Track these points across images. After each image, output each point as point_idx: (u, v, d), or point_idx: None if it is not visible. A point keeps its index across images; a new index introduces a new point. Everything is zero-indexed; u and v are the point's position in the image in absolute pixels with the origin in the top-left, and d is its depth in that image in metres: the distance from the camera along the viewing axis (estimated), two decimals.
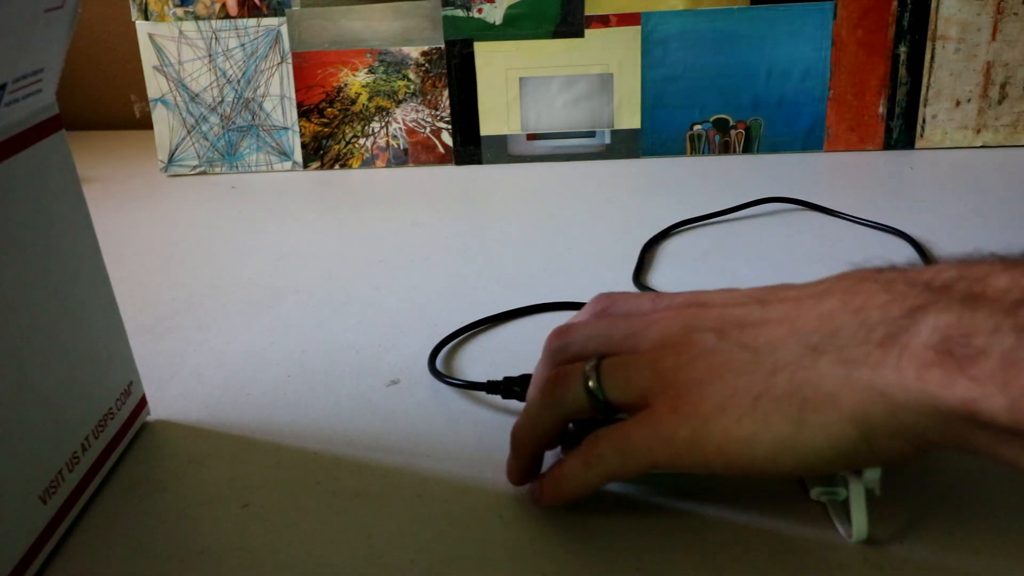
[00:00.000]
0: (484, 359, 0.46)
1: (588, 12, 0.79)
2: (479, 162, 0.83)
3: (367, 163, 0.84)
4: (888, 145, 0.80)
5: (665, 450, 0.28)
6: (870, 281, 0.27)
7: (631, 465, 0.30)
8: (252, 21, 0.81)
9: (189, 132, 0.84)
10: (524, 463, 0.34)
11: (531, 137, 0.82)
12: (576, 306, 0.51)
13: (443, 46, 0.81)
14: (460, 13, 0.80)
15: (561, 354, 0.34)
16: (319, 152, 0.84)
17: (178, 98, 0.83)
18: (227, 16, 0.81)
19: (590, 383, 0.31)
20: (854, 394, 0.25)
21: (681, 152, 0.82)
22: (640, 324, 0.32)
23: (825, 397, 0.26)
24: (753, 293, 0.31)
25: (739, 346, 0.28)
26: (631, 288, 0.53)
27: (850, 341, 0.26)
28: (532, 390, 0.35)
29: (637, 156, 0.82)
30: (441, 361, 0.46)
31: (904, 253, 0.57)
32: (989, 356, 0.23)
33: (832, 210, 0.64)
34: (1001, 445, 0.24)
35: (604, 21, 0.79)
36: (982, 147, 0.79)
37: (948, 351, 0.24)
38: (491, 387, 0.40)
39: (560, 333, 0.34)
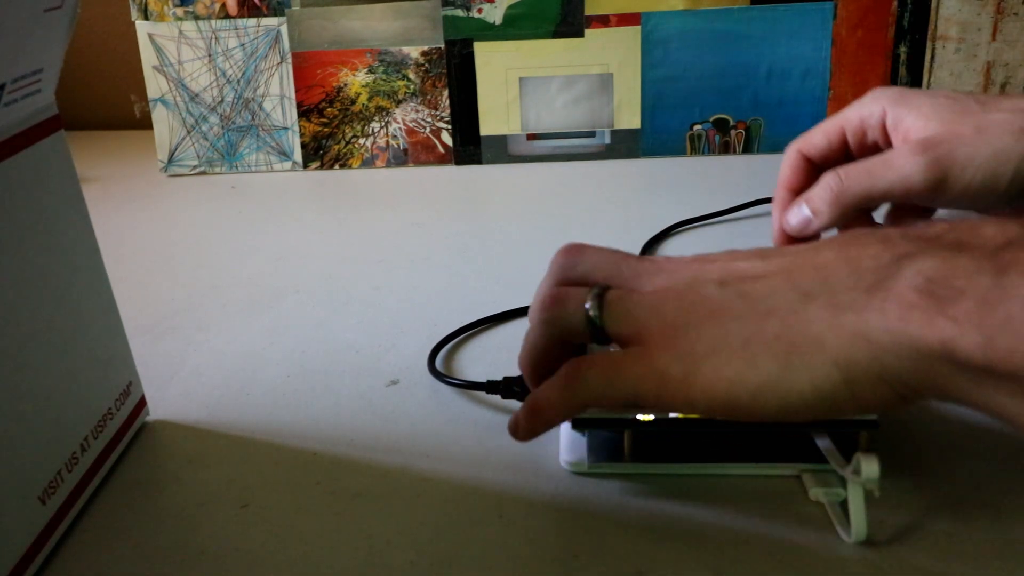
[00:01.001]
0: (484, 359, 0.46)
1: (588, 12, 0.79)
2: (479, 162, 0.83)
3: (367, 163, 0.84)
4: None
5: (654, 385, 0.29)
6: (867, 235, 0.28)
7: (614, 394, 0.30)
8: (252, 21, 0.81)
9: (189, 132, 0.84)
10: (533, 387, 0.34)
11: (531, 137, 0.82)
12: None
13: (443, 46, 0.81)
14: (460, 13, 0.80)
15: (567, 271, 0.34)
16: (319, 152, 0.84)
17: (178, 98, 0.83)
18: (227, 16, 0.81)
19: (590, 311, 0.31)
20: (839, 338, 0.26)
21: (681, 152, 0.82)
22: (650, 268, 0.33)
23: (812, 341, 0.26)
24: (757, 250, 0.32)
25: (737, 294, 0.29)
26: None
27: (840, 287, 0.27)
28: (532, 306, 0.35)
29: (637, 156, 0.82)
30: (441, 361, 0.46)
31: None
32: (968, 296, 0.23)
33: None
34: (977, 388, 0.24)
35: (604, 21, 0.79)
36: None
37: (930, 292, 0.24)
38: (491, 387, 0.40)
39: (571, 251, 0.35)
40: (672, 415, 0.33)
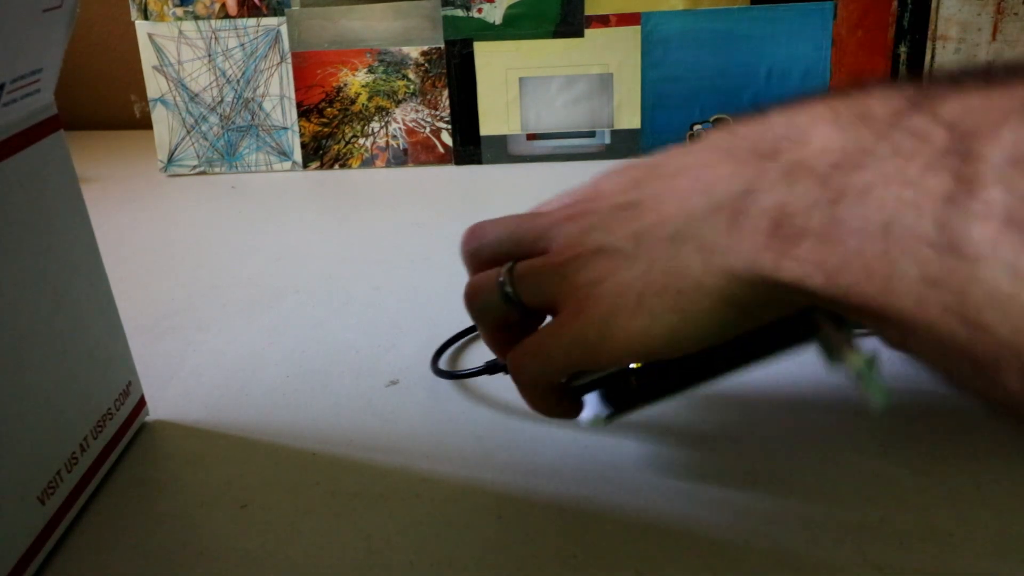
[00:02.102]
0: (484, 359, 0.46)
1: (588, 12, 0.79)
2: (479, 162, 0.83)
3: (367, 163, 0.84)
4: None
5: (580, 352, 0.31)
6: (717, 149, 0.29)
7: (550, 370, 0.33)
8: (252, 21, 0.81)
9: (189, 132, 0.84)
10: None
11: (531, 137, 0.82)
12: None
13: (443, 46, 0.81)
14: (460, 13, 0.80)
15: (476, 258, 0.36)
16: (319, 152, 0.84)
17: (178, 98, 0.83)
18: (227, 16, 0.81)
19: (507, 288, 0.33)
20: (716, 279, 0.27)
21: None
22: (546, 223, 0.33)
23: (694, 286, 0.28)
24: (634, 173, 0.32)
25: (623, 237, 0.30)
26: None
27: (703, 226, 0.28)
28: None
29: (637, 156, 0.82)
30: (441, 362, 0.46)
31: None
32: (807, 235, 0.24)
33: None
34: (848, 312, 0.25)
35: (604, 21, 0.79)
36: None
37: (774, 233, 0.25)
38: (491, 368, 0.40)
39: (470, 237, 0.36)
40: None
